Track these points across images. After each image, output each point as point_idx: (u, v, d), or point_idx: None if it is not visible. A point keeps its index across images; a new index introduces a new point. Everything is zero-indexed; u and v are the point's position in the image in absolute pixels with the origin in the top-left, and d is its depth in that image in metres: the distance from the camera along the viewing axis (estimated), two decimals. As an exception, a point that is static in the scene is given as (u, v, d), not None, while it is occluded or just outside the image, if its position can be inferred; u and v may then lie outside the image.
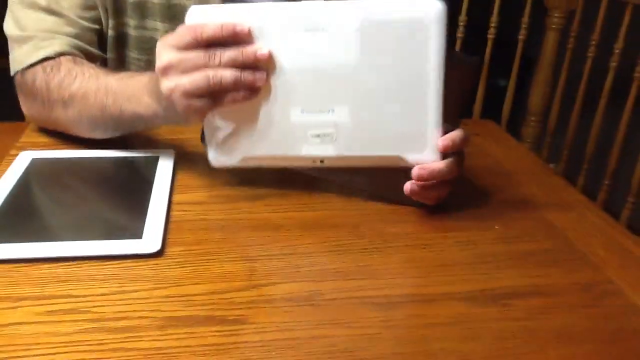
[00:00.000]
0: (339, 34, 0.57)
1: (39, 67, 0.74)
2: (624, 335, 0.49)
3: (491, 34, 1.89)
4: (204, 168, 0.66)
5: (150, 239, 0.56)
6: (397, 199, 0.65)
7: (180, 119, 0.62)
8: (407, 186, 0.62)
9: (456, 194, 0.67)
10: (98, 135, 0.73)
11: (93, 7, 0.80)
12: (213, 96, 0.58)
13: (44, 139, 0.77)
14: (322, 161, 0.62)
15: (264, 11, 0.57)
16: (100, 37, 0.82)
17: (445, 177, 0.61)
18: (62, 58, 0.74)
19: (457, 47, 1.87)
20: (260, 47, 0.57)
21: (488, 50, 1.91)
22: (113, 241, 0.55)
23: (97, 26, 0.81)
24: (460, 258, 0.58)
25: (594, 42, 1.82)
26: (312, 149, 0.61)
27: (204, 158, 0.63)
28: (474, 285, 0.54)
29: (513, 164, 0.80)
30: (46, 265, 0.53)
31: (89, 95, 0.69)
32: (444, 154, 0.61)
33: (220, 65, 0.56)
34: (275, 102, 0.59)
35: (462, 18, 1.85)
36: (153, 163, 0.70)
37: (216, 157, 0.63)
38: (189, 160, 0.72)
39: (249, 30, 0.56)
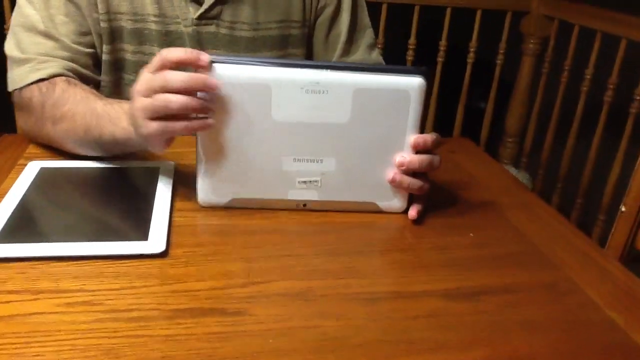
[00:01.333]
0: (336, 97, 0.65)
1: (35, 87, 0.80)
2: (581, 326, 0.55)
3: (470, 59, 1.98)
4: (203, 178, 0.71)
5: (156, 241, 0.61)
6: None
7: (145, 144, 0.67)
8: (390, 174, 0.69)
9: (433, 205, 0.74)
10: (83, 152, 0.78)
11: (87, 33, 0.86)
12: (168, 120, 0.63)
13: (50, 150, 0.82)
14: (305, 205, 0.71)
15: (275, 71, 0.64)
16: (97, 60, 0.88)
17: (419, 168, 0.69)
18: (57, 79, 0.80)
19: (437, 70, 1.95)
20: (212, 78, 0.63)
21: (467, 73, 1.99)
22: (121, 242, 0.60)
23: (92, 50, 0.87)
24: (438, 261, 0.64)
25: (567, 68, 1.91)
26: (298, 193, 0.70)
27: (203, 168, 0.68)
28: (450, 284, 0.60)
29: (487, 178, 0.86)
30: (60, 264, 0.57)
31: (77, 116, 0.74)
32: (417, 152, 0.69)
33: (171, 89, 0.62)
34: (271, 149, 0.67)
35: (443, 43, 1.94)
36: (154, 173, 0.76)
37: (205, 197, 0.69)
38: (188, 171, 0.77)
39: (210, 62, 0.62)
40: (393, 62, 1.10)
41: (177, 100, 0.61)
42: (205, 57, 0.62)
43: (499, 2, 1.96)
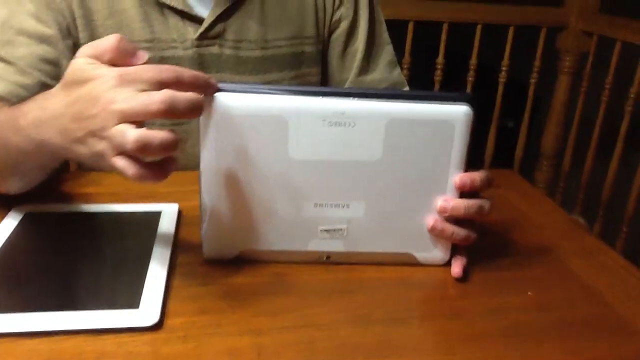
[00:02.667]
0: (365, 130, 0.54)
1: None
2: None
3: (502, 78, 1.86)
4: (209, 226, 0.60)
5: (148, 310, 0.50)
6: None
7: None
8: (430, 221, 0.58)
9: (480, 254, 0.62)
10: (20, 181, 0.65)
11: (55, 64, 0.76)
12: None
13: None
14: (328, 257, 0.59)
15: (292, 100, 0.53)
16: None
17: (465, 214, 0.57)
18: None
19: (468, 89, 1.84)
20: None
21: (499, 93, 1.88)
22: (106, 312, 0.50)
23: (54, 82, 0.75)
24: (492, 329, 0.52)
25: (607, 86, 1.78)
26: (320, 244, 0.59)
27: (208, 215, 0.58)
28: (511, 362, 0.48)
29: (541, 219, 0.74)
30: (29, 341, 0.47)
31: None
32: (463, 194, 0.58)
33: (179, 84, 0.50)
34: (287, 193, 0.56)
35: (473, 62, 1.83)
36: (155, 219, 0.65)
37: (211, 250, 0.59)
38: (194, 214, 0.67)
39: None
40: (419, 83, 0.99)
41: (185, 98, 0.47)
42: (213, 81, 0.52)
43: (534, 17, 1.84)
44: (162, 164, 0.49)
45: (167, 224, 0.65)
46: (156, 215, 0.66)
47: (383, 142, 0.55)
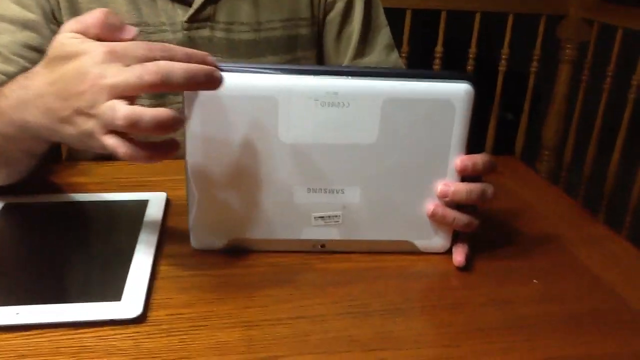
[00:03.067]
0: (360, 110, 0.51)
1: None
2: None
3: (502, 66, 1.83)
4: (198, 214, 0.57)
5: (131, 302, 0.47)
6: None
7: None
8: (430, 207, 0.55)
9: (483, 242, 0.59)
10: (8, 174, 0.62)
11: (39, 50, 0.73)
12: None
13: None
14: (323, 246, 0.56)
15: (282, 79, 0.50)
16: None
17: (467, 199, 0.54)
18: None
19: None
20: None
21: (499, 83, 1.84)
22: (85, 304, 0.46)
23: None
24: (497, 321, 0.49)
25: (609, 74, 1.75)
26: (314, 232, 0.55)
27: (197, 203, 0.54)
28: (516, 356, 0.45)
29: (546, 207, 0.71)
30: (5, 335, 0.44)
31: None
32: (464, 178, 0.54)
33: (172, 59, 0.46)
34: (279, 178, 0.53)
35: (472, 50, 1.79)
36: (141, 208, 0.62)
37: (199, 240, 0.56)
38: (183, 203, 0.63)
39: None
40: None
41: (181, 68, 0.44)
42: (210, 59, 0.48)
43: (533, 5, 1.81)
44: (159, 144, 0.46)
45: (154, 213, 0.61)
46: (143, 204, 0.63)
47: (379, 123, 0.51)
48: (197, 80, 0.45)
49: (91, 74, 0.44)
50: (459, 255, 0.56)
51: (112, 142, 0.44)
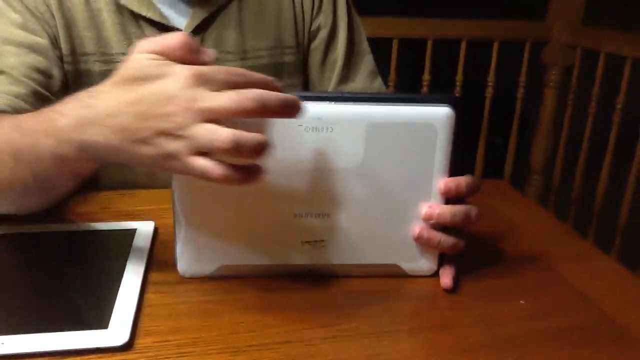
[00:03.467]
0: (344, 136, 0.52)
1: None
2: None
3: (489, 93, 1.86)
4: (185, 241, 0.58)
5: (118, 329, 0.47)
6: None
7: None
8: (416, 230, 0.55)
9: (470, 263, 0.59)
10: (19, 205, 0.61)
11: (45, 73, 0.73)
12: None
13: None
14: (311, 270, 0.56)
15: None
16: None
17: (452, 222, 0.55)
18: None
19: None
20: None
21: (486, 109, 1.87)
22: (72, 333, 0.46)
23: (47, 93, 0.73)
24: (486, 340, 0.49)
25: (594, 98, 1.78)
26: (301, 257, 0.56)
27: (184, 230, 0.54)
28: (506, 375, 0.45)
29: (532, 227, 0.72)
30: (-11, 366, 0.44)
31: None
32: (448, 200, 0.55)
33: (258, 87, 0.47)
34: (264, 204, 0.53)
35: (459, 78, 1.82)
36: (129, 237, 0.62)
37: (186, 267, 0.56)
38: (171, 232, 0.63)
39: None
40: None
41: (276, 96, 0.45)
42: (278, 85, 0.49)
43: (517, 32, 1.84)
44: (247, 168, 0.46)
45: (142, 241, 0.62)
46: (131, 233, 0.63)
47: (363, 147, 0.52)
48: (290, 110, 0.47)
49: (180, 97, 0.45)
50: (446, 278, 0.56)
51: (203, 163, 0.45)
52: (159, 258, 0.60)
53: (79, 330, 0.47)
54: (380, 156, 0.53)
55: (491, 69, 1.83)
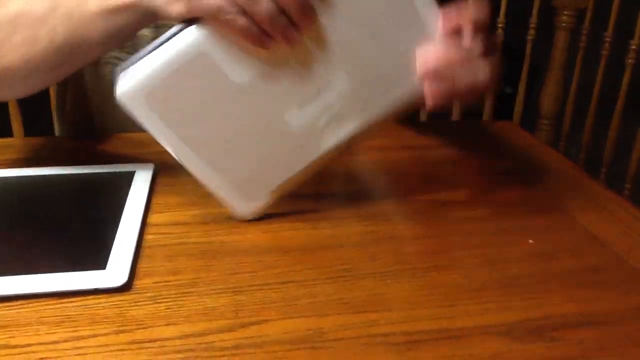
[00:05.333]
0: None
1: None
2: None
3: (499, 37, 1.80)
4: (186, 184, 0.56)
5: (116, 270, 0.46)
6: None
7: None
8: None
9: (477, 202, 0.58)
10: (50, 75, 0.57)
11: None
12: None
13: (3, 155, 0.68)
14: (348, 142, 0.53)
15: (196, 33, 0.47)
16: None
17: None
18: None
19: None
20: None
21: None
22: (69, 273, 0.45)
23: None
24: (492, 281, 0.48)
25: (607, 39, 1.72)
26: (332, 136, 0.52)
27: (186, 172, 0.53)
28: (512, 315, 0.44)
29: (542, 169, 0.70)
30: (-14, 307, 0.43)
31: (33, 12, 0.52)
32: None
33: None
34: (264, 120, 0.51)
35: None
36: (127, 179, 0.61)
37: (245, 206, 0.54)
38: (170, 174, 0.62)
39: None
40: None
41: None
42: None
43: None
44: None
45: (140, 184, 0.60)
46: (129, 176, 0.62)
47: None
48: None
49: None
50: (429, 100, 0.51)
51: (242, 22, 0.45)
52: (158, 200, 0.58)
53: (77, 271, 0.46)
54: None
55: (501, 11, 1.77)
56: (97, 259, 0.47)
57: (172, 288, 0.45)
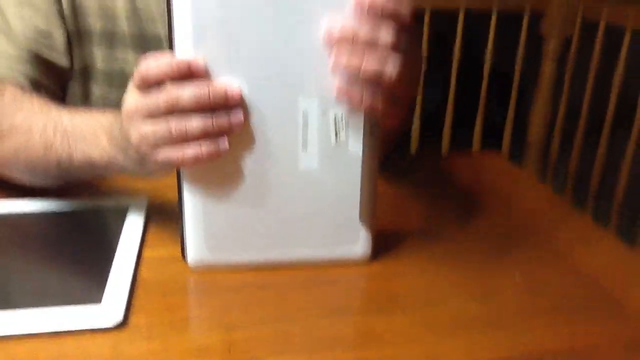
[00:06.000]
0: None
1: None
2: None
3: (487, 65, 1.84)
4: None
5: (111, 307, 0.47)
6: None
7: (141, 171, 0.52)
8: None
9: (464, 238, 0.59)
10: (35, 181, 0.63)
11: (48, 34, 0.69)
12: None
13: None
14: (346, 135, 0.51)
15: None
16: (58, 74, 0.71)
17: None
18: (7, 83, 0.64)
19: (452, 83, 1.81)
20: (228, 84, 0.47)
21: (484, 84, 1.85)
22: (65, 308, 0.46)
23: (53, 55, 0.70)
24: (481, 316, 0.49)
25: (594, 69, 1.76)
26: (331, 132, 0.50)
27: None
28: (501, 350, 0.45)
29: (526, 201, 0.71)
30: (-19, 345, 0.43)
31: (34, 130, 0.58)
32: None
33: (184, 110, 0.46)
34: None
35: (457, 48, 1.80)
36: (122, 214, 0.62)
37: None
38: (164, 209, 0.63)
39: (206, 67, 0.46)
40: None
41: (197, 125, 0.46)
42: (198, 64, 0.46)
43: (515, 3, 1.82)
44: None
45: (134, 217, 0.61)
46: (123, 210, 0.62)
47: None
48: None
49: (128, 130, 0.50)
50: None
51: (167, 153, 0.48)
52: (152, 235, 0.59)
53: (71, 305, 0.46)
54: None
55: (489, 42, 1.81)
56: (93, 296, 0.48)
57: (166, 326, 0.46)
